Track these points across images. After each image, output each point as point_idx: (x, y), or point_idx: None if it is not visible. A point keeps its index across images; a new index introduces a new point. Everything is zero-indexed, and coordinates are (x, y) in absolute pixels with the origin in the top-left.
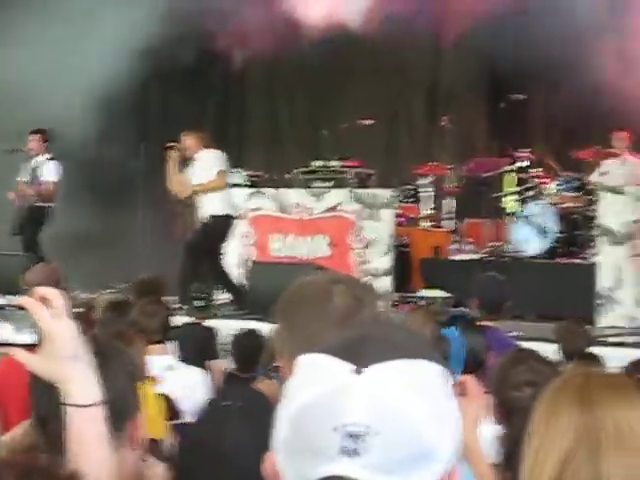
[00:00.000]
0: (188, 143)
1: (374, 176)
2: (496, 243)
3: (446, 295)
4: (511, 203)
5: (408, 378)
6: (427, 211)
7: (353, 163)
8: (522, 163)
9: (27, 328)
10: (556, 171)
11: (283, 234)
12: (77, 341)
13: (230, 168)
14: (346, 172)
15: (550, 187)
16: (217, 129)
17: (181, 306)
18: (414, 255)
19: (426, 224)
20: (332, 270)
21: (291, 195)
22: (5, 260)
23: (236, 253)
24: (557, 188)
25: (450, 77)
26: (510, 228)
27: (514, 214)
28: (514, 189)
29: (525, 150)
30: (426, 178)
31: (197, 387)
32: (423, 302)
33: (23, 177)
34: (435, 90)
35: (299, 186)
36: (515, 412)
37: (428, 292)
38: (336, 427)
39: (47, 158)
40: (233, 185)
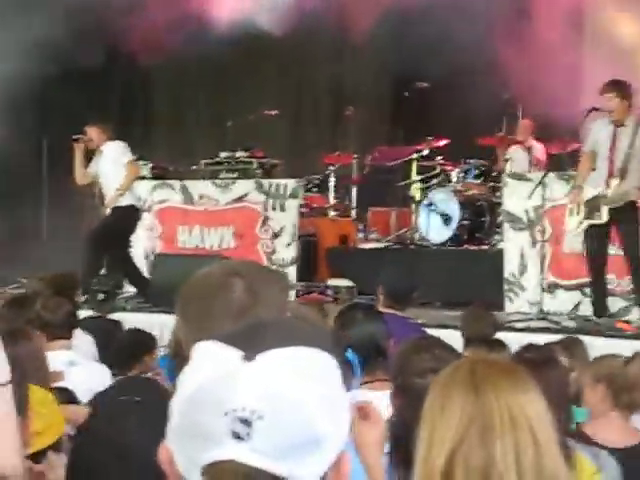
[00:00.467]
0: (93, 135)
1: (280, 166)
2: (402, 231)
3: (352, 284)
4: (416, 191)
5: (298, 365)
6: (333, 200)
7: (258, 154)
8: (426, 151)
9: None
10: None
11: (189, 226)
12: None
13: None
14: (252, 163)
15: (454, 174)
16: (122, 121)
17: (85, 299)
18: (321, 244)
19: (333, 213)
20: (235, 259)
21: (197, 187)
22: None
23: (142, 246)
24: (461, 175)
25: (354, 67)
26: (416, 216)
27: (419, 202)
28: (419, 177)
29: (430, 138)
30: (332, 167)
31: (99, 382)
32: (329, 291)
33: None
34: (340, 80)
35: (205, 178)
36: (417, 399)
37: (335, 281)
38: (226, 412)
39: None
40: (138, 177)
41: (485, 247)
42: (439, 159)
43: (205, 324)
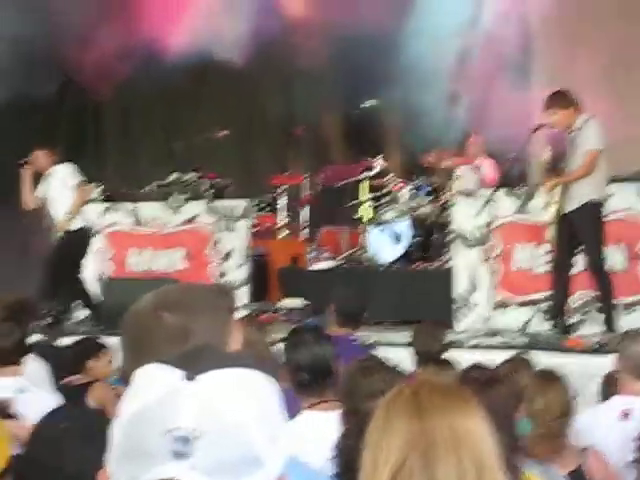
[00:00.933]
0: (40, 159)
1: (230, 187)
2: (353, 250)
3: (304, 304)
4: (366, 210)
5: (238, 386)
6: (284, 221)
7: (209, 175)
8: (376, 170)
9: None
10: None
11: (140, 248)
12: None
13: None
14: (202, 184)
15: (404, 193)
16: (72, 144)
17: (39, 324)
18: (272, 265)
19: (284, 234)
20: (170, 286)
21: (147, 209)
22: None
23: (93, 269)
24: (411, 194)
25: (305, 86)
26: (366, 235)
27: (370, 221)
28: (369, 196)
29: (379, 156)
30: (282, 188)
31: (48, 409)
32: (282, 312)
33: None
34: (290, 99)
35: (155, 200)
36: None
37: (287, 302)
38: (166, 431)
39: None
40: (88, 200)
41: (435, 265)
42: (389, 178)
43: (140, 358)
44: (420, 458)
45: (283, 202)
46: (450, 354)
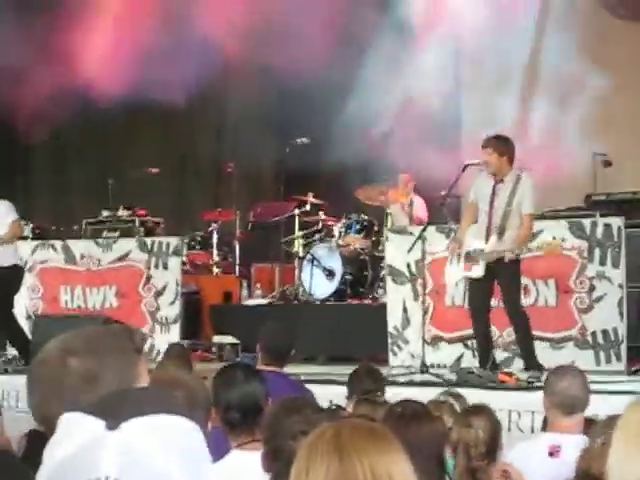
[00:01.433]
0: None
1: (162, 224)
2: (286, 287)
3: (236, 341)
4: (299, 246)
5: (161, 434)
6: (217, 257)
7: (140, 212)
8: (307, 206)
9: None
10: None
11: (71, 286)
12: None
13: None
14: (134, 221)
15: (336, 229)
16: (3, 181)
17: None
18: (205, 302)
19: (216, 270)
20: (79, 331)
21: (79, 246)
22: None
23: (24, 306)
24: (343, 230)
25: (236, 123)
26: (299, 271)
27: (302, 257)
28: (301, 232)
29: (311, 194)
30: (214, 224)
31: None
32: (214, 349)
33: None
34: (221, 137)
35: (87, 237)
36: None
37: (218, 338)
38: None
39: None
40: (20, 238)
41: (369, 301)
42: (321, 214)
43: (49, 404)
44: None
45: (215, 239)
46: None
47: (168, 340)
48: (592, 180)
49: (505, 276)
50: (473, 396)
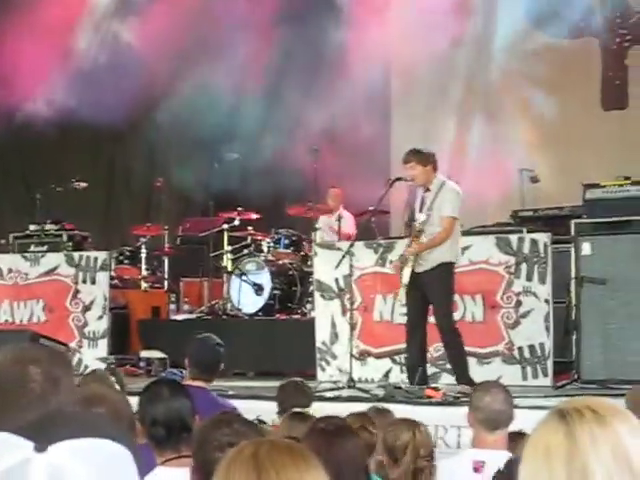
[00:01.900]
0: None
1: (90, 239)
2: (214, 302)
3: (163, 356)
4: (227, 261)
5: (87, 457)
6: (145, 272)
7: (68, 227)
8: (236, 221)
9: None
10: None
11: None
12: None
13: None
14: (61, 236)
15: (265, 244)
16: None
17: None
18: (133, 316)
19: (145, 285)
20: (33, 344)
21: (6, 260)
22: None
23: None
24: (272, 245)
25: (166, 138)
26: (227, 286)
27: (231, 272)
28: (230, 247)
29: (239, 208)
30: (143, 239)
31: None
32: (142, 363)
33: None
34: (151, 151)
35: (14, 251)
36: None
37: (146, 353)
38: None
39: None
40: None
41: (297, 316)
42: (250, 229)
43: (4, 416)
44: None
45: (143, 253)
46: (312, 406)
47: (96, 355)
48: (519, 196)
49: (434, 289)
50: (400, 411)
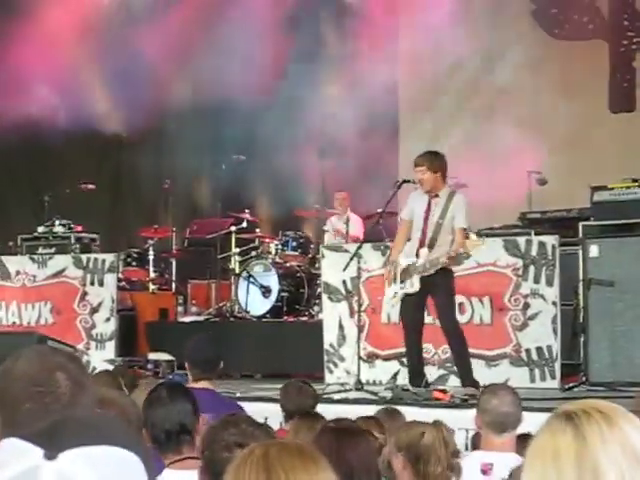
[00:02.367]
0: None
1: (98, 241)
2: (222, 304)
3: (170, 358)
4: (235, 263)
5: (97, 465)
6: (153, 274)
7: (76, 229)
8: (244, 223)
9: None
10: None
11: (6, 302)
12: None
13: None
14: (69, 238)
15: (273, 246)
16: None
17: None
18: (140, 318)
19: (152, 287)
20: (51, 347)
21: (13, 262)
22: None
23: None
24: (279, 247)
25: (173, 140)
26: (235, 288)
27: (239, 274)
28: (237, 249)
29: (247, 210)
30: (150, 241)
31: None
32: (150, 365)
33: None
34: (158, 153)
35: (22, 253)
36: (223, 474)
37: (154, 355)
38: None
39: None
40: None
41: (305, 318)
42: (257, 231)
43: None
44: None
45: (151, 255)
46: (319, 408)
47: (103, 357)
48: (527, 198)
49: (438, 292)
50: (408, 414)
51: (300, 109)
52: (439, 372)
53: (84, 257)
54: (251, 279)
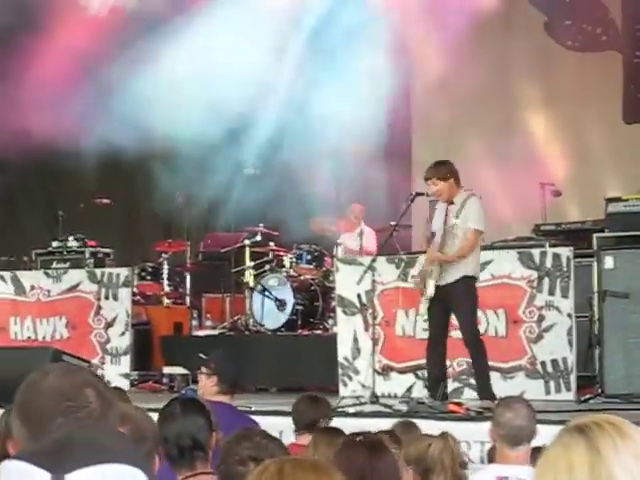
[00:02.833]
0: None
1: (112, 255)
2: (236, 317)
3: (185, 372)
4: (249, 277)
5: None
6: (167, 288)
7: (90, 243)
8: (258, 237)
9: None
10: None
11: (21, 317)
12: None
13: None
14: (83, 252)
15: (287, 259)
16: None
17: None
18: (155, 333)
19: (167, 301)
20: (71, 365)
21: (28, 277)
22: None
23: None
24: (294, 260)
25: (187, 152)
26: (250, 302)
27: (253, 288)
28: (252, 263)
29: (261, 224)
30: (165, 255)
31: None
32: (165, 379)
33: None
34: (172, 166)
35: (37, 268)
36: None
37: (169, 369)
38: None
39: None
40: None
41: (319, 332)
42: (271, 245)
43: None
44: None
45: (165, 269)
46: (334, 421)
47: (118, 372)
48: (541, 210)
49: (458, 303)
50: (423, 426)
51: (315, 122)
52: (454, 385)
53: (98, 271)
54: (266, 292)
